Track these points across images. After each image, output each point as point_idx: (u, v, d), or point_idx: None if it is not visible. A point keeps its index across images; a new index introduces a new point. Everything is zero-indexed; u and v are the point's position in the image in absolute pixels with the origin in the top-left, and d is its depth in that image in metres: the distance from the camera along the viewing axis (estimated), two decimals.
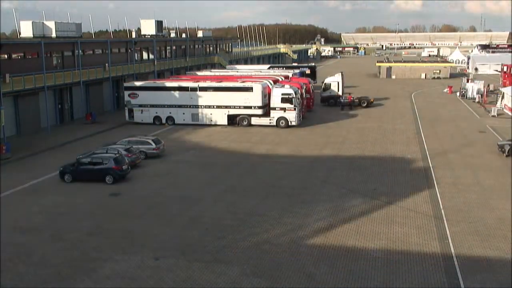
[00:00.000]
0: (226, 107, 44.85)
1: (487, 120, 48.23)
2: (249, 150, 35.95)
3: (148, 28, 70.30)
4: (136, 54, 62.48)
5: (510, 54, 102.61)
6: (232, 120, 45.33)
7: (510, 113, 50.29)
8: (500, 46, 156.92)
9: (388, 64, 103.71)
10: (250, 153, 35.19)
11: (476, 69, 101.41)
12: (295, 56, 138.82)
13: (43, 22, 51.27)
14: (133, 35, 73.71)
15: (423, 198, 25.24)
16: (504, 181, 27.86)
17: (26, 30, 49.91)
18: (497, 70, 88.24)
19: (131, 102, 46.58)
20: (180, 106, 45.77)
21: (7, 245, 19.83)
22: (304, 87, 49.85)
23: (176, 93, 45.80)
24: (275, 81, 48.89)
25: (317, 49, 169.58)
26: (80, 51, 50.64)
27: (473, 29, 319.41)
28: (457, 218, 22.44)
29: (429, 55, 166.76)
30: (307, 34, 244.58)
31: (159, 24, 70.97)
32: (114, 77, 54.99)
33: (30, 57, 45.34)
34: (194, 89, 45.35)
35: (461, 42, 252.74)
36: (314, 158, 33.56)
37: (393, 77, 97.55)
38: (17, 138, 40.79)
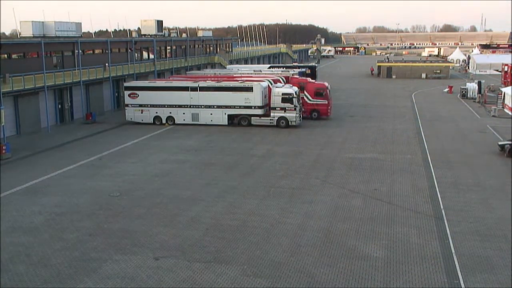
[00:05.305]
0: (226, 107, 44.86)
1: (487, 120, 48.24)
2: (249, 150, 35.94)
3: (148, 28, 70.29)
4: (136, 54, 62.47)
5: (510, 54, 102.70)
6: (232, 120, 45.34)
7: (510, 113, 50.27)
8: (500, 46, 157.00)
9: (388, 64, 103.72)
10: (250, 153, 35.17)
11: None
12: (295, 56, 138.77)
13: (43, 22, 51.28)
14: (133, 35, 73.72)
15: (423, 198, 25.23)
16: (504, 181, 27.85)
17: (26, 30, 49.91)
18: (497, 70, 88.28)
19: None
20: (180, 106, 45.78)
21: (7, 245, 19.82)
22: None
23: (176, 93, 45.80)
24: (276, 81, 48.89)
25: (317, 49, 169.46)
26: (80, 51, 50.63)
27: (473, 29, 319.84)
28: (457, 218, 22.42)
29: (430, 55, 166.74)
30: (307, 34, 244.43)
31: (159, 24, 70.96)
32: (114, 77, 54.98)
33: (30, 57, 45.34)
34: (194, 89, 45.36)
35: (461, 42, 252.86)
36: (314, 158, 33.54)
37: (394, 77, 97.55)
38: (17, 138, 40.80)
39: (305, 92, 48.33)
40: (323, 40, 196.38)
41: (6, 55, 42.08)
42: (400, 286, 16.52)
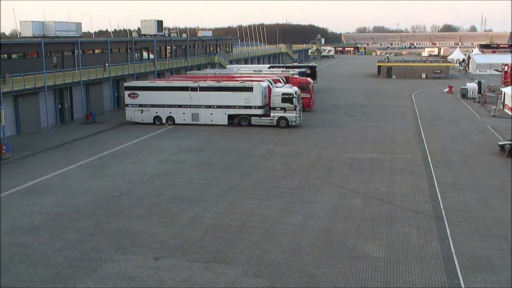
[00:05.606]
0: (226, 107, 44.87)
1: (487, 120, 48.23)
2: (249, 150, 35.94)
3: (148, 28, 70.29)
4: (136, 54, 62.47)
5: (510, 54, 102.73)
6: (232, 120, 45.34)
7: (510, 113, 50.27)
8: (500, 46, 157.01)
9: (388, 64, 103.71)
10: (250, 153, 35.17)
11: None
12: (295, 56, 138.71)
13: (43, 22, 51.27)
14: (133, 35, 73.69)
15: (423, 198, 25.23)
16: (504, 181, 27.85)
17: (26, 30, 49.90)
18: (497, 70, 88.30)
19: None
20: (180, 106, 45.80)
21: (7, 245, 19.82)
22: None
23: (176, 93, 45.81)
24: (276, 81, 48.92)
25: (317, 49, 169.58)
26: (80, 51, 50.62)
27: (473, 29, 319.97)
28: (457, 218, 22.43)
29: (430, 55, 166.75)
30: (307, 34, 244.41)
31: (159, 24, 70.95)
32: (114, 77, 54.99)
33: (30, 57, 45.33)
34: (194, 89, 45.37)
35: (461, 42, 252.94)
36: (314, 158, 33.55)
37: (394, 77, 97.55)
38: (17, 138, 40.80)
39: None
40: (323, 40, 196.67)
41: (6, 55, 42.07)
42: (400, 286, 16.52)
